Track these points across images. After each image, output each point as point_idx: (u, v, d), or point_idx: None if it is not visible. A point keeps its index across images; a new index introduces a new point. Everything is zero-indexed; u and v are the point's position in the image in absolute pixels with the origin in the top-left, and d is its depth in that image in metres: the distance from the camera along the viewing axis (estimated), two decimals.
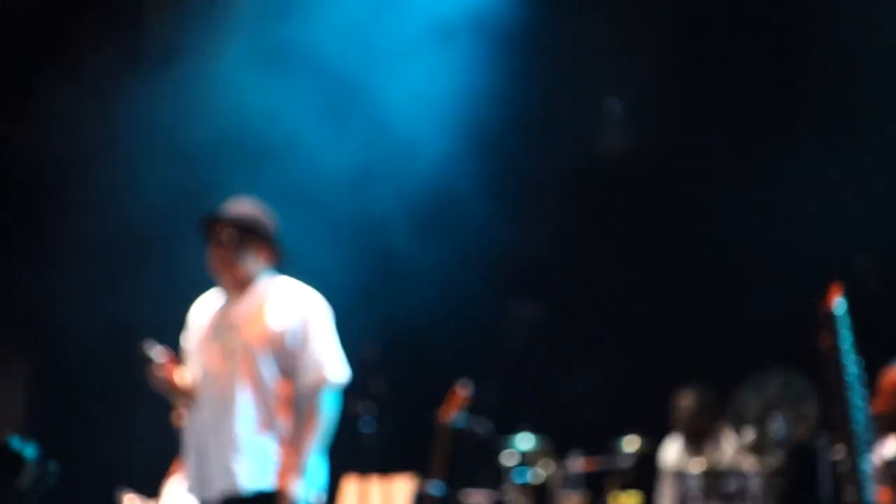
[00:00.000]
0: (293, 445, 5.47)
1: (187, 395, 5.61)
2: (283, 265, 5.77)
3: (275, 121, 8.89)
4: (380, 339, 7.45)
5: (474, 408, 7.88)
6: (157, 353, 5.55)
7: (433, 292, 8.93)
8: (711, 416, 8.23)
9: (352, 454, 6.46)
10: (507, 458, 8.38)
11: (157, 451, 7.86)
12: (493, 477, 8.46)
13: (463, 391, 7.65)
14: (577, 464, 8.36)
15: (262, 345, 5.55)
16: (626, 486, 8.29)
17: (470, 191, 9.06)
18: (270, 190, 6.55)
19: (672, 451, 8.29)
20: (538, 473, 8.41)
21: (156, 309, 8.93)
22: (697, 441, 8.22)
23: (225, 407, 5.52)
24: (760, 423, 8.10)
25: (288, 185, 8.32)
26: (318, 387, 5.54)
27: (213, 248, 5.66)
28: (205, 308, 5.79)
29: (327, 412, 5.55)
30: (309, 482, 5.47)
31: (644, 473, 8.33)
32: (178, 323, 5.86)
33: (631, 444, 8.31)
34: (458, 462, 7.87)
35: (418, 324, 8.93)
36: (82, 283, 9.37)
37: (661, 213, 9.21)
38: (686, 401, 8.23)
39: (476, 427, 7.83)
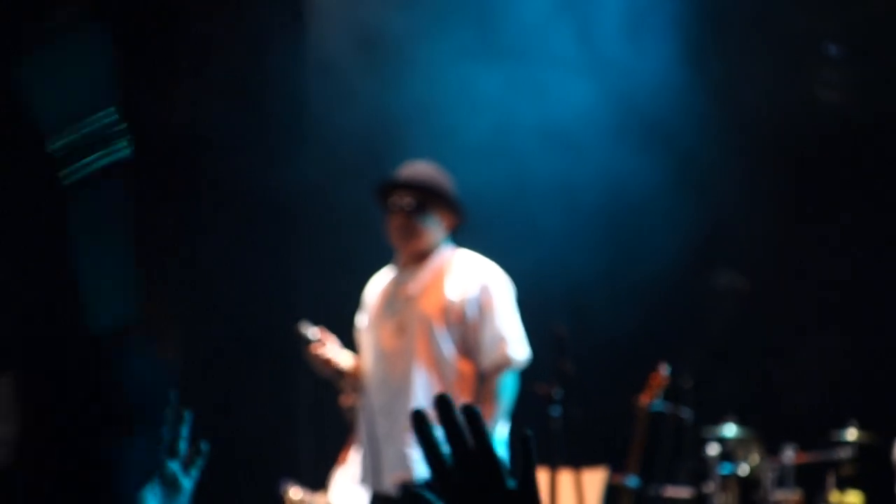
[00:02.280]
0: None
1: (351, 376, 5.34)
2: (463, 230, 5.45)
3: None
4: (568, 316, 6.94)
5: (674, 393, 7.28)
6: (313, 332, 5.33)
7: (628, 266, 8.42)
8: None
9: (539, 443, 5.92)
10: (711, 450, 7.76)
11: (323, 439, 7.60)
12: (695, 470, 7.88)
13: (662, 375, 7.02)
14: (790, 457, 7.72)
15: (440, 317, 5.22)
16: (845, 484, 7.63)
17: (670, 155, 8.49)
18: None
19: None
20: (745, 467, 7.80)
21: (313, 291, 8.75)
22: None
23: (400, 388, 5.21)
24: None
25: (467, 149, 7.85)
26: (499, 366, 5.23)
27: (393, 216, 5.33)
28: (379, 285, 5.48)
29: (509, 394, 5.24)
30: None
31: (866, 470, 7.64)
32: (336, 304, 5.64)
33: (851, 435, 7.67)
34: (655, 453, 7.29)
35: (611, 301, 8.45)
36: (236, 262, 9.21)
37: (887, 179, 8.45)
38: None
39: (677, 415, 7.17)
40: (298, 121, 9.08)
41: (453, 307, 5.24)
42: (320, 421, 8.32)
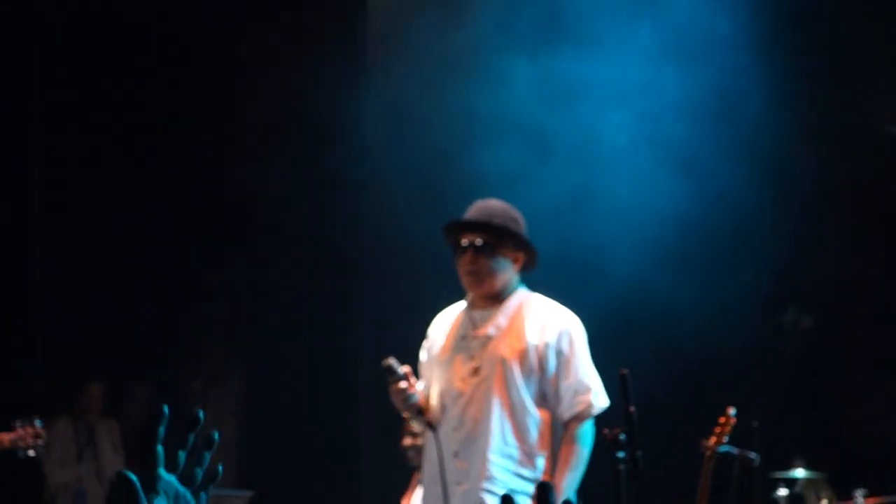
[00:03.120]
0: (552, 480, 5.05)
1: (429, 416, 5.19)
2: (534, 270, 5.36)
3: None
4: (633, 360, 6.86)
5: (741, 436, 7.16)
6: (401, 368, 5.20)
7: (694, 307, 8.32)
8: None
9: (605, 487, 5.88)
10: (779, 493, 7.62)
11: (382, 483, 7.53)
12: None
13: (730, 417, 6.91)
14: (860, 501, 7.50)
15: (519, 361, 5.13)
16: None
17: (737, 193, 8.39)
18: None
19: None
20: None
21: (374, 332, 8.77)
22: None
23: (475, 430, 5.10)
24: None
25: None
26: (581, 415, 5.18)
27: (463, 257, 5.21)
28: (449, 322, 5.36)
29: (589, 443, 5.20)
30: None
31: None
32: (397, 345, 5.58)
33: None
34: (723, 496, 7.16)
35: (676, 342, 8.35)
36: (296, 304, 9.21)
37: None
38: None
39: (744, 457, 7.05)
40: (358, 166, 9.08)
41: (533, 352, 5.15)
42: (383, 463, 8.26)
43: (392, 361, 5.19)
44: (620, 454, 5.35)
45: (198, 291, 10.09)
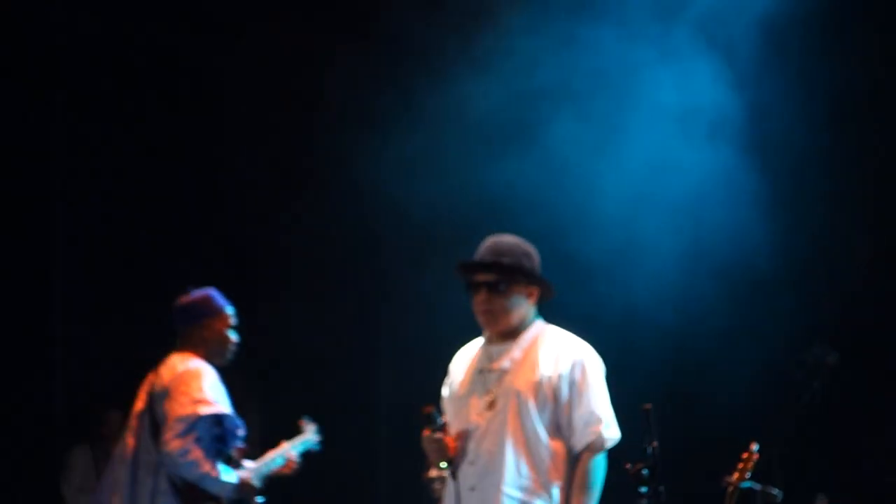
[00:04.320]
0: None
1: (454, 460, 5.20)
2: (548, 303, 5.35)
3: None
4: (655, 393, 6.85)
5: (764, 471, 7.11)
6: (441, 419, 5.24)
7: (714, 343, 8.29)
8: None
9: None
10: None
11: (405, 487, 7.54)
12: None
13: (752, 452, 6.87)
14: None
15: (532, 393, 5.14)
16: None
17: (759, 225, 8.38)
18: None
19: None
20: None
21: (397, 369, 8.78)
22: None
23: (490, 463, 5.12)
24: None
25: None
26: (593, 447, 5.18)
27: (477, 296, 5.22)
28: (468, 357, 5.39)
29: (601, 475, 5.21)
30: None
31: None
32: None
33: None
34: None
35: (699, 377, 8.33)
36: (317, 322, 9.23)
37: None
38: None
39: (767, 493, 7.01)
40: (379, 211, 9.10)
41: (546, 384, 5.16)
42: (403, 489, 8.26)
43: (433, 410, 5.21)
44: (643, 489, 5.32)
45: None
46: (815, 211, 8.63)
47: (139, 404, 6.38)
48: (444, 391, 5.47)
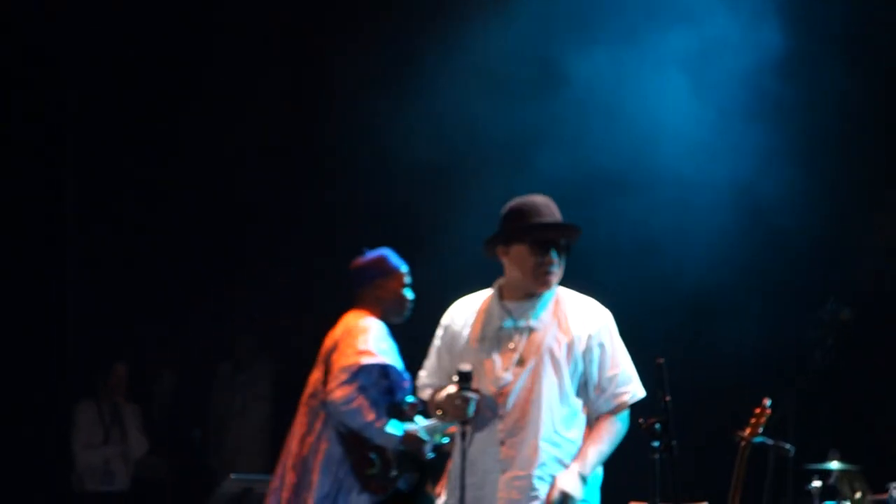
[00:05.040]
0: (580, 455, 5.19)
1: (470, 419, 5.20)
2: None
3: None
4: (669, 347, 6.81)
5: (776, 428, 7.09)
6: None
7: (730, 300, 8.27)
8: None
9: (638, 477, 5.86)
10: (814, 486, 7.53)
11: None
12: None
13: (765, 408, 6.84)
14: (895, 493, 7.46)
15: (566, 353, 5.21)
16: None
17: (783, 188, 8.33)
18: None
19: None
20: (848, 503, 7.62)
21: None
22: None
23: (524, 420, 5.17)
24: None
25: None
26: (621, 405, 5.28)
27: (548, 257, 5.24)
28: (473, 311, 5.36)
29: (625, 428, 5.31)
30: (589, 495, 5.18)
31: None
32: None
33: None
34: (757, 487, 7.10)
35: (713, 333, 8.30)
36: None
37: None
38: None
39: (779, 448, 6.98)
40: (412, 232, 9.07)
41: (577, 344, 5.22)
42: None
43: (469, 368, 5.17)
44: (655, 443, 5.31)
45: (225, 275, 10.10)
46: (836, 166, 8.57)
47: (317, 369, 6.45)
48: (439, 343, 5.41)
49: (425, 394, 5.44)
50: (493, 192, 6.49)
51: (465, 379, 5.13)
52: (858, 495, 7.67)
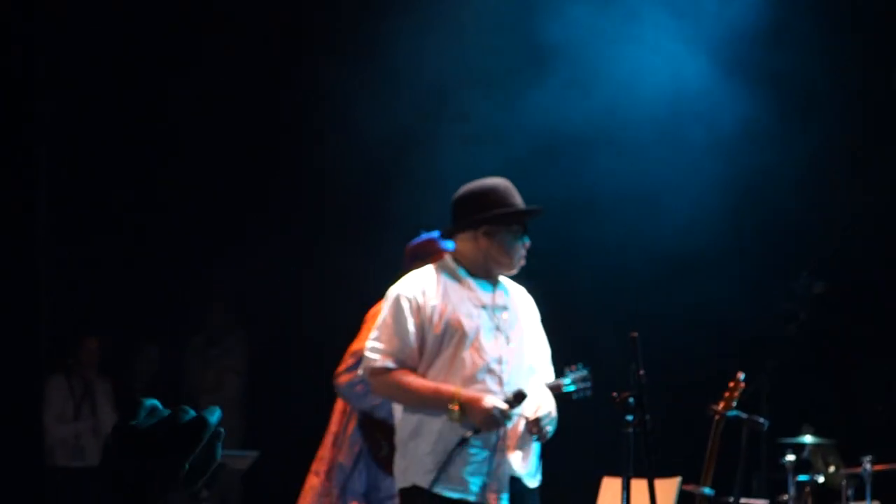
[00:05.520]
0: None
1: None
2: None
3: None
4: (643, 322, 6.80)
5: (750, 402, 7.08)
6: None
7: (705, 271, 8.23)
8: None
9: (612, 451, 5.85)
10: (787, 460, 7.53)
11: None
12: (771, 480, 7.76)
13: (739, 382, 6.83)
14: (868, 467, 7.42)
15: (535, 331, 5.48)
16: None
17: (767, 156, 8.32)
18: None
19: None
20: (822, 477, 7.60)
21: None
22: None
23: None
24: None
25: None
26: (554, 386, 5.51)
27: (523, 243, 5.43)
28: (443, 288, 5.37)
29: None
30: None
31: None
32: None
33: None
34: (731, 461, 7.09)
35: (688, 307, 8.28)
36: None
37: None
38: None
39: (753, 422, 6.96)
40: None
41: (535, 324, 5.48)
42: None
43: (526, 391, 5.29)
44: (629, 417, 5.30)
45: (199, 249, 10.03)
46: (810, 140, 8.54)
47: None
48: (412, 326, 5.31)
49: (404, 375, 5.34)
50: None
51: (519, 399, 5.22)
52: (832, 469, 7.66)
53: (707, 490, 6.67)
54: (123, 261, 9.97)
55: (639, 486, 5.92)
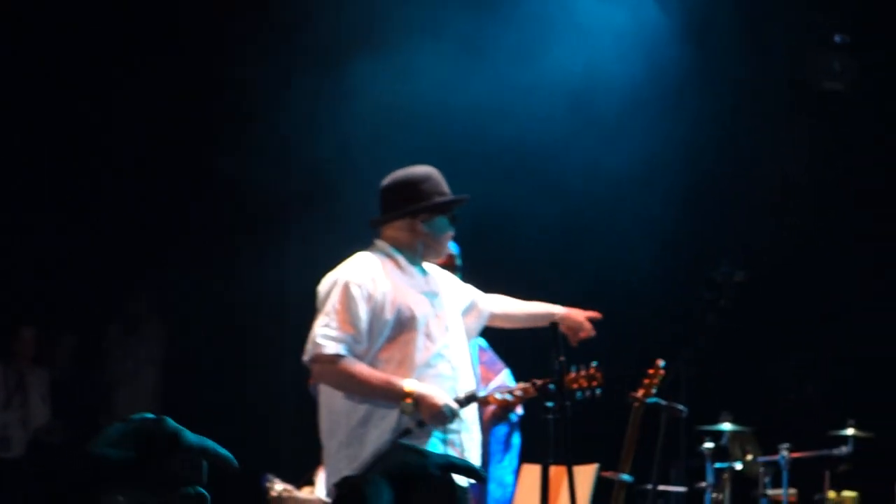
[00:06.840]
0: None
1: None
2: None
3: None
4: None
5: (669, 389, 7.11)
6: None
7: (623, 258, 8.26)
8: None
9: (532, 439, 5.86)
10: (706, 447, 7.59)
11: (306, 437, 7.47)
12: (689, 467, 7.78)
13: (658, 370, 6.86)
14: (786, 454, 7.54)
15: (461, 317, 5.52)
16: (841, 482, 7.47)
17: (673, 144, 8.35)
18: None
19: None
20: (740, 464, 7.68)
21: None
22: None
23: (465, 382, 5.33)
24: None
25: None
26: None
27: (451, 231, 5.48)
28: (389, 273, 5.31)
29: None
30: None
31: (863, 469, 7.48)
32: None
33: (849, 433, 7.50)
34: (650, 449, 7.13)
35: (606, 295, 8.29)
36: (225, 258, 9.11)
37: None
38: None
39: (672, 410, 7.01)
40: None
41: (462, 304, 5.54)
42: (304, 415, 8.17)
43: (477, 393, 5.35)
44: (549, 404, 5.31)
45: (122, 238, 9.92)
46: (723, 129, 8.61)
47: None
48: (364, 313, 5.20)
49: (354, 364, 5.24)
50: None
51: (469, 401, 5.25)
52: (749, 456, 7.73)
53: (626, 477, 6.70)
54: (54, 250, 9.82)
55: (558, 473, 5.94)
